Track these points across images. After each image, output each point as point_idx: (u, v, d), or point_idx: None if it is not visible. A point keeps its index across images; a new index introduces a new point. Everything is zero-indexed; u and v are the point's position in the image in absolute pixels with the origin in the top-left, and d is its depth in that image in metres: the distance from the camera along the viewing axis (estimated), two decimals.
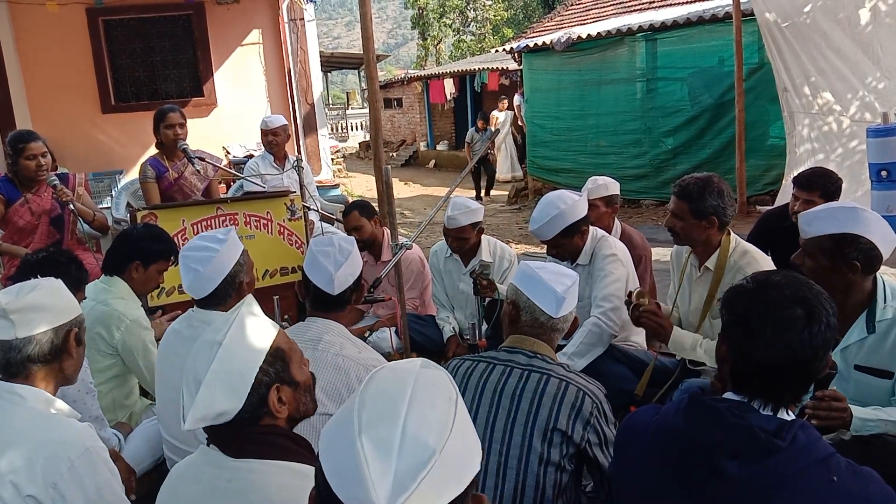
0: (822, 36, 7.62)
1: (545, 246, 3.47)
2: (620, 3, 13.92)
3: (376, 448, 1.00)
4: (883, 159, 6.41)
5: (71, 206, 4.08)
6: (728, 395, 1.55)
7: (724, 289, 2.10)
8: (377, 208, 4.51)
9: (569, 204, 3.25)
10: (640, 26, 10.17)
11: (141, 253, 3.12)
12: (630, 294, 3.04)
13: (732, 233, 3.01)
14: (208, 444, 1.60)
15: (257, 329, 1.62)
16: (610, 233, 4.08)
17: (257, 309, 1.68)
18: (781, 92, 8.23)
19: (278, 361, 1.62)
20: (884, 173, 6.40)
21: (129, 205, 6.04)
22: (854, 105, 7.55)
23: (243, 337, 1.58)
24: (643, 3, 13.03)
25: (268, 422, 1.59)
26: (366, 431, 1.01)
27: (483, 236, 4.13)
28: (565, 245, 3.36)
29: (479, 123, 14.15)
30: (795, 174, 4.00)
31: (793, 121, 8.21)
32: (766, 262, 2.99)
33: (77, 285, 2.67)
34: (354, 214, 4.28)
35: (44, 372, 1.96)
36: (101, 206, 6.08)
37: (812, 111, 7.98)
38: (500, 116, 15.17)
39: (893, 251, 2.33)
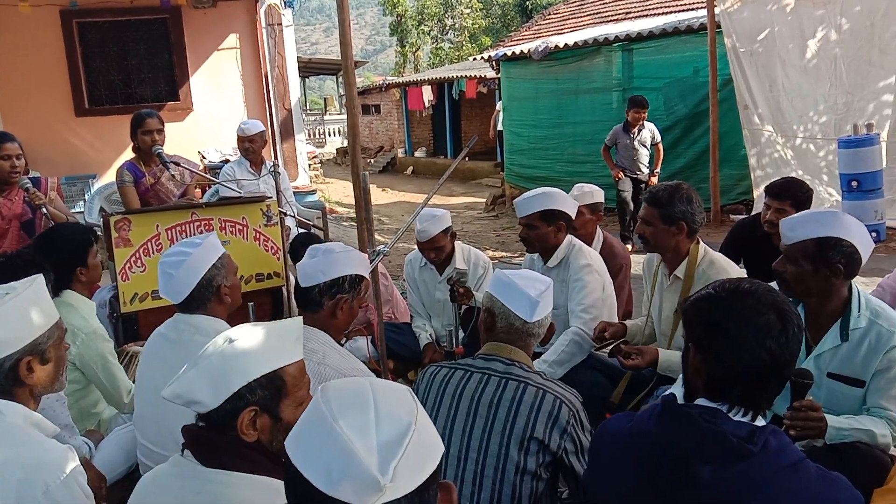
0: (785, 53, 7.82)
1: (523, 253, 3.51)
2: (597, 13, 14.05)
3: (355, 430, 1.04)
4: (854, 170, 6.53)
5: (43, 209, 4.01)
6: (700, 401, 1.57)
7: None
8: (356, 214, 4.49)
9: (559, 193, 3.44)
10: (616, 36, 10.26)
11: (74, 259, 3.08)
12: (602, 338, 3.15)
13: (701, 242, 3.05)
14: (182, 451, 1.58)
15: (275, 349, 1.59)
16: (593, 239, 4.12)
17: (292, 329, 1.65)
18: (742, 110, 8.41)
19: (271, 388, 1.57)
20: (854, 183, 6.53)
21: (102, 209, 5.98)
22: (815, 122, 7.75)
23: (254, 349, 1.56)
24: (619, 14, 13.16)
25: (235, 435, 1.56)
26: (341, 417, 1.05)
27: (457, 243, 4.14)
28: (539, 230, 3.42)
29: (630, 115, 7.81)
30: (765, 185, 4.07)
31: (753, 137, 8.40)
32: (733, 271, 3.03)
33: None
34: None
35: (15, 391, 1.90)
36: (73, 210, 6.00)
37: (770, 129, 8.17)
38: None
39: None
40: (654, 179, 7.84)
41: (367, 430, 1.04)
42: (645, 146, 7.88)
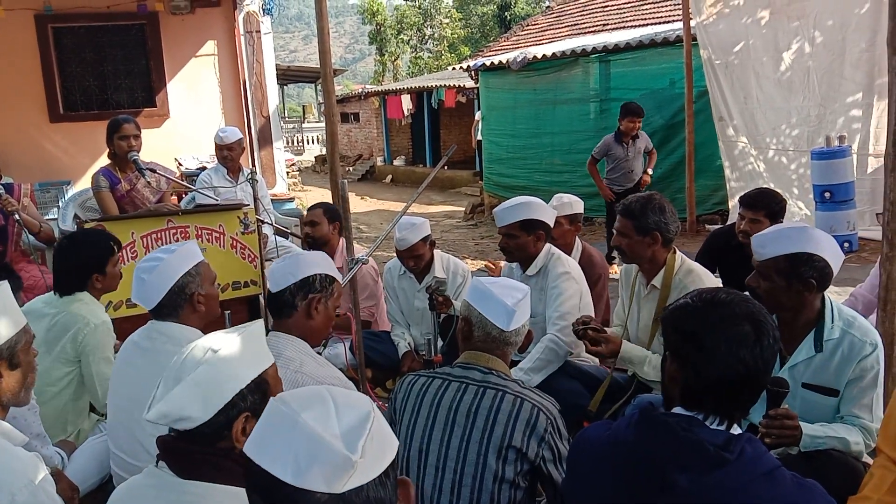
0: (759, 65, 7.95)
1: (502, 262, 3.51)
2: (575, 24, 14.18)
3: (318, 420, 1.05)
4: (827, 181, 6.65)
5: (16, 216, 3.95)
6: (677, 409, 1.58)
7: None
8: None
9: (538, 203, 3.45)
10: (594, 48, 10.36)
11: (92, 265, 3.05)
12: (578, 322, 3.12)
13: (678, 251, 3.08)
14: (157, 463, 1.56)
15: (254, 353, 1.60)
16: (571, 250, 4.14)
17: (260, 333, 1.66)
18: (717, 121, 8.53)
19: (259, 392, 1.58)
20: (827, 195, 6.64)
21: (76, 216, 5.89)
22: (787, 134, 7.88)
23: (238, 355, 1.55)
24: (597, 26, 13.29)
25: (224, 445, 1.55)
26: (303, 412, 1.06)
27: (436, 251, 4.14)
28: (519, 239, 3.44)
29: (624, 124, 6.96)
30: (740, 195, 4.12)
31: (727, 149, 8.52)
32: (710, 280, 3.06)
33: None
34: (317, 211, 4.31)
35: None
36: (47, 217, 5.92)
37: (744, 140, 8.30)
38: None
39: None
40: (647, 178, 7.18)
41: (329, 419, 1.06)
42: (640, 156, 7.13)
